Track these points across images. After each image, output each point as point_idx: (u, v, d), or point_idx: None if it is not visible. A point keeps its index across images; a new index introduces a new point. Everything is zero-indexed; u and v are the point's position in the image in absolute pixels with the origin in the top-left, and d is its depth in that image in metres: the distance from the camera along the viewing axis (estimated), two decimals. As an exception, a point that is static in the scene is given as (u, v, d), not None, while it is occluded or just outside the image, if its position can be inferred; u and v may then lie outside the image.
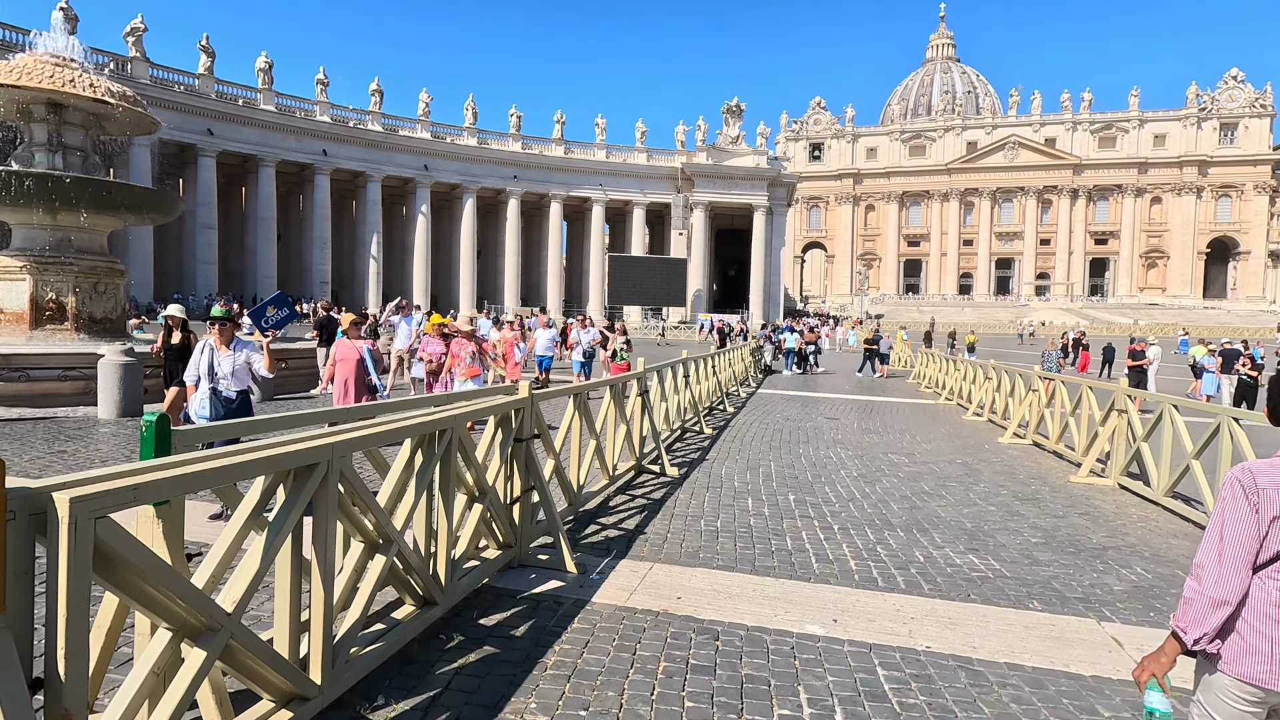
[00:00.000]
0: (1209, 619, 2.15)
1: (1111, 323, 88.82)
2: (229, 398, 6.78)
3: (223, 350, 6.82)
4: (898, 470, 9.65)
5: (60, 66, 14.63)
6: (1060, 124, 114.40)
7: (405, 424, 3.89)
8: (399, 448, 4.07)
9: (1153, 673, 2.24)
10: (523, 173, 62.87)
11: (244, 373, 6.90)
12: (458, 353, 10.25)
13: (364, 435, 3.46)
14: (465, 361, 10.11)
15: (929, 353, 23.93)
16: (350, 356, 8.98)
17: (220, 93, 48.59)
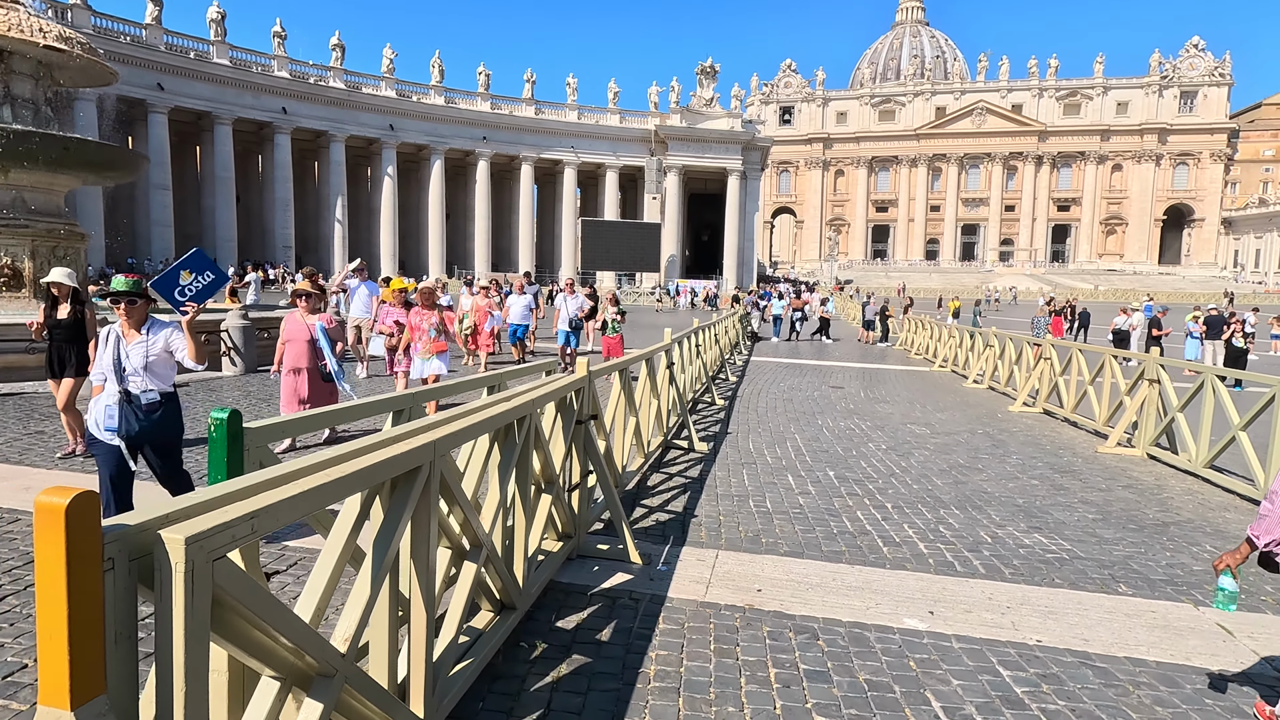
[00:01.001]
0: (1278, 530, 2.95)
1: (1073, 288, 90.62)
2: (148, 402, 4.68)
3: (132, 336, 4.74)
4: (925, 443, 9.44)
5: (5, 9, 13.33)
6: (1027, 90, 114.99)
7: (493, 412, 3.41)
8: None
9: (1229, 564, 3.14)
10: (492, 134, 60.96)
11: (165, 365, 4.82)
12: (418, 325, 8.89)
13: (462, 429, 2.98)
14: (429, 335, 8.82)
15: (919, 320, 23.89)
16: (300, 336, 7.43)
17: (170, 44, 45.76)
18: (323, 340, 7.37)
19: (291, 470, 2.16)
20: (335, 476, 2.11)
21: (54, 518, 1.40)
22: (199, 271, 6.35)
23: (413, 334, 8.93)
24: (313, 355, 7.43)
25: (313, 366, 7.44)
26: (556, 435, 4.63)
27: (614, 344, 13.32)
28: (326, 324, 7.47)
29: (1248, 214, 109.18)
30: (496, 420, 3.42)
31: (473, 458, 3.69)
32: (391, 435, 2.75)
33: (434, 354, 8.79)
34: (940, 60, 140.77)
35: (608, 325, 13.63)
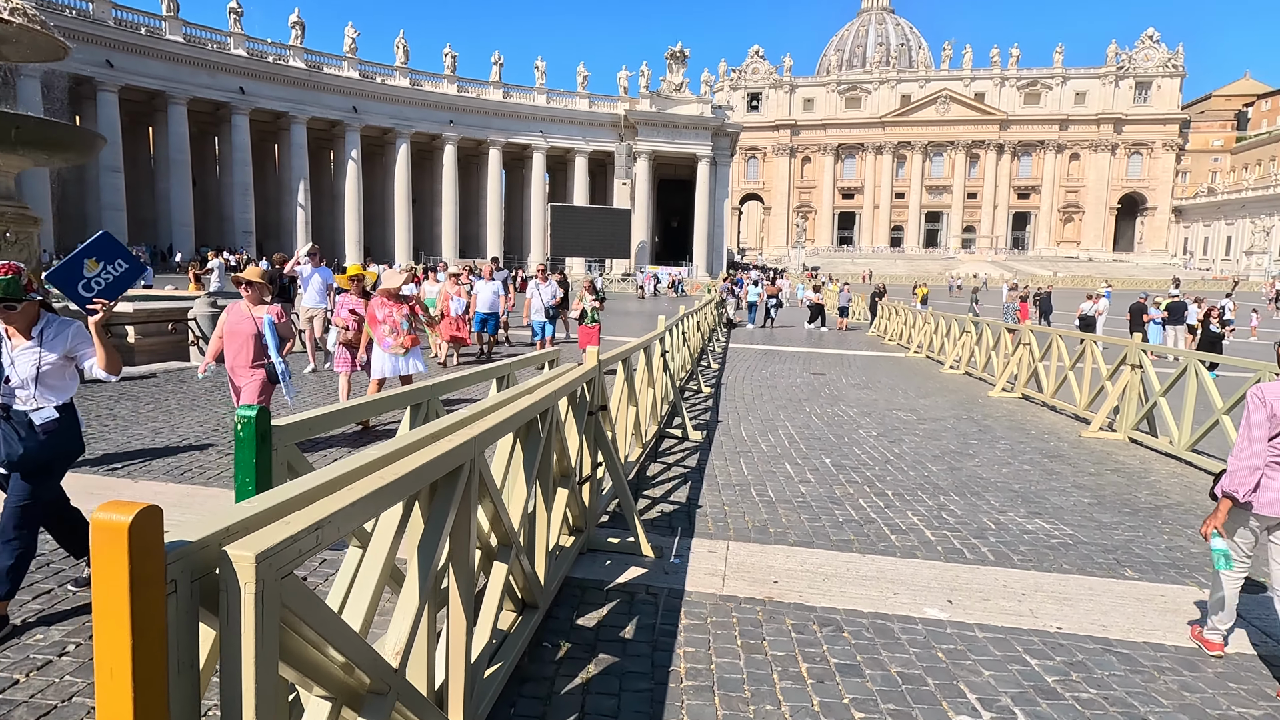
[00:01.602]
0: (1248, 480, 3.64)
1: (1033, 274, 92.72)
2: (41, 421, 3.67)
3: (18, 340, 3.71)
4: (914, 429, 9.50)
5: (-55, -24, 12.49)
6: (989, 79, 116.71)
7: (520, 406, 3.26)
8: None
9: (1215, 526, 3.74)
10: (459, 117, 59.79)
11: (62, 375, 3.78)
12: (379, 317, 8.03)
13: (496, 425, 2.83)
14: (402, 328, 8.05)
15: (893, 306, 24.15)
16: (244, 329, 6.45)
17: (120, 20, 43.76)
18: (270, 336, 6.44)
19: (344, 473, 2.00)
20: (391, 479, 1.96)
21: (115, 536, 1.23)
22: (108, 260, 4.94)
23: (374, 326, 8.06)
24: (257, 352, 6.50)
25: (253, 361, 6.52)
26: (571, 428, 4.49)
27: (592, 334, 12.71)
28: (276, 318, 6.54)
29: (1197, 203, 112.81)
30: (524, 415, 3.27)
31: (497, 453, 3.54)
32: (429, 433, 2.59)
33: (406, 349, 8.08)
34: (905, 48, 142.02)
35: (586, 314, 13.00)
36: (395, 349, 8.03)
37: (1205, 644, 3.94)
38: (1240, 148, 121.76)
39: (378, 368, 8.14)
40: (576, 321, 13.20)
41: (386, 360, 8.07)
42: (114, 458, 6.80)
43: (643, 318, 29.17)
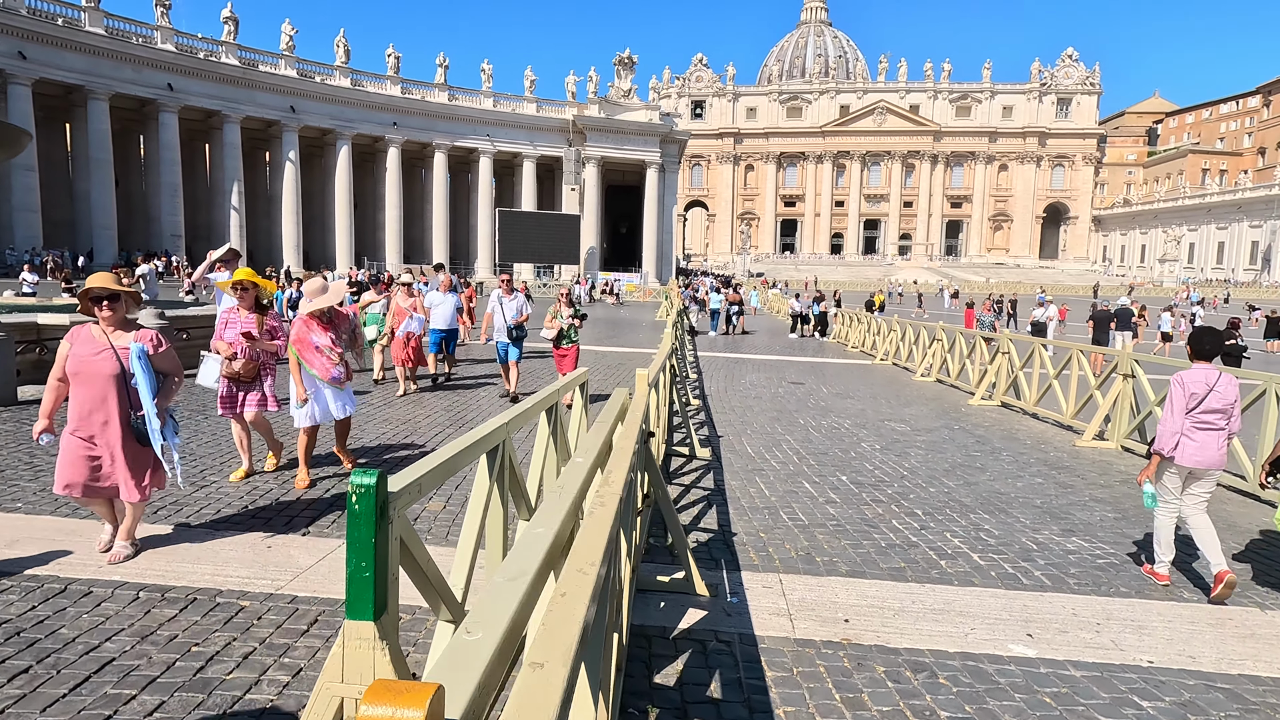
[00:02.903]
0: (1171, 441, 4.93)
1: (966, 280, 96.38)
2: None
3: None
4: (913, 441, 9.42)
5: None
6: (924, 92, 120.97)
7: (600, 437, 2.87)
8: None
9: (1147, 476, 5.10)
10: (403, 119, 58.18)
11: None
12: (317, 344, 6.29)
13: (611, 495, 2.44)
14: (329, 358, 6.33)
15: (854, 314, 24.43)
16: (100, 369, 4.46)
17: (34, 9, 40.83)
18: (141, 376, 4.47)
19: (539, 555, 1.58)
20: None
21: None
22: None
23: (308, 354, 6.28)
24: (119, 400, 4.49)
25: (122, 419, 4.50)
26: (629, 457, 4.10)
27: (569, 356, 10.64)
28: (150, 348, 4.57)
29: (1114, 213, 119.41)
30: (602, 447, 2.89)
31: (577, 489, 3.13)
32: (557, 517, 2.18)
33: (333, 381, 6.36)
34: (843, 60, 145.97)
35: (563, 335, 10.58)
36: (333, 378, 6.39)
37: (1155, 576, 5.07)
38: (1151, 162, 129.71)
39: (308, 412, 6.29)
40: (551, 343, 10.67)
41: (323, 400, 6.36)
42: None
43: (606, 325, 28.78)
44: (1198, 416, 4.94)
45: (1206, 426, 4.95)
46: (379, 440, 8.13)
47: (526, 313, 11.25)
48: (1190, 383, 4.97)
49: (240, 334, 6.21)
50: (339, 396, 6.47)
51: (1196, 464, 4.91)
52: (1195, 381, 4.98)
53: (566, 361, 10.63)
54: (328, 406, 6.41)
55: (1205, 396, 4.93)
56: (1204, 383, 4.97)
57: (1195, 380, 4.98)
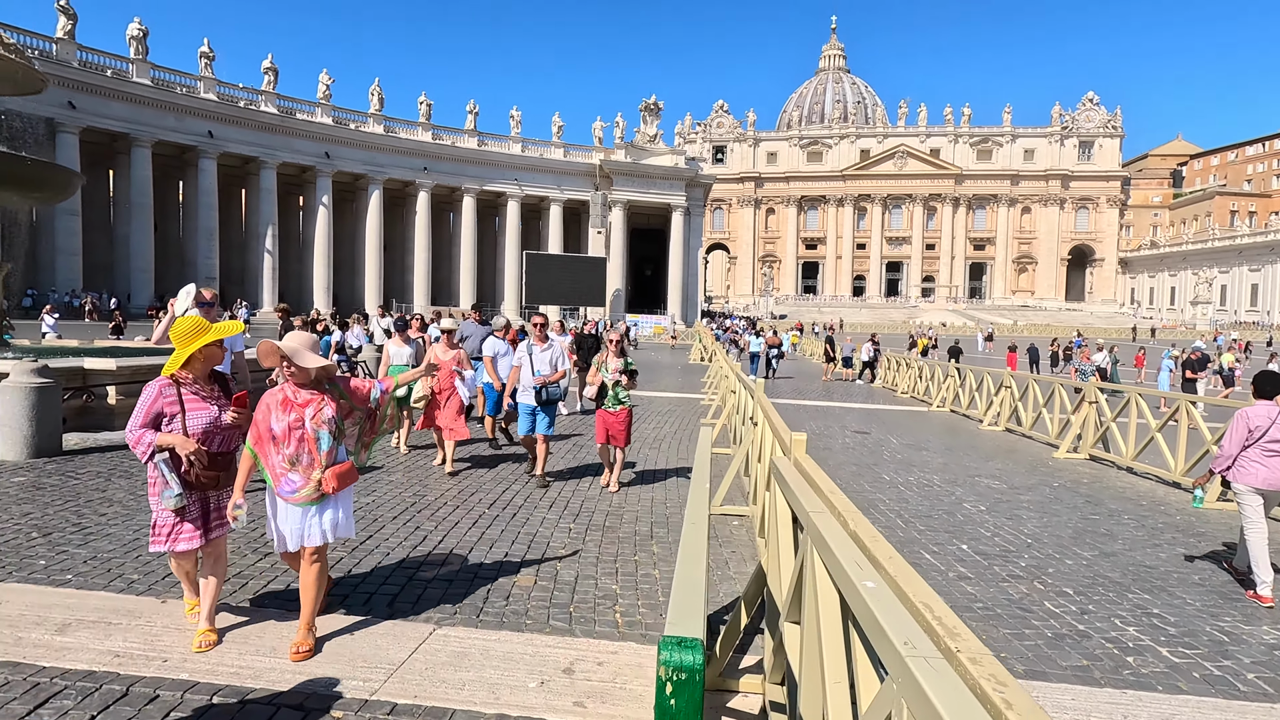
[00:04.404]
0: (1223, 463, 6.00)
1: (991, 323, 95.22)
2: None
3: None
4: (1017, 501, 8.64)
5: (-86, -2, 11.25)
6: (944, 136, 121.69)
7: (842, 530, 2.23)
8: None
9: (1200, 484, 6.49)
10: (433, 164, 59.12)
11: None
12: (275, 428, 3.98)
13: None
14: (320, 448, 3.99)
15: (903, 359, 23.68)
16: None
17: (85, 61, 42.23)
18: None
19: None
20: None
21: None
22: None
23: (262, 447, 4.02)
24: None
25: None
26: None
27: (618, 424, 7.98)
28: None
29: (1141, 255, 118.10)
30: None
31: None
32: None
33: (331, 489, 4.00)
34: (861, 105, 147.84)
35: (606, 393, 7.98)
36: (304, 494, 3.96)
37: (1260, 599, 5.44)
38: (1178, 204, 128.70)
39: (275, 541, 4.11)
40: (593, 402, 8.24)
41: (289, 519, 4.02)
42: (116, 560, 5.44)
43: (641, 369, 28.23)
44: (1265, 446, 5.75)
45: (1274, 454, 5.75)
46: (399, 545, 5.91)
47: (563, 368, 8.39)
48: (1254, 417, 5.83)
49: (230, 414, 4.02)
50: (324, 512, 4.04)
51: (1268, 486, 5.72)
52: (1259, 416, 5.81)
53: (614, 430, 7.99)
54: (298, 528, 4.01)
55: (1268, 429, 5.74)
56: (1267, 417, 5.78)
57: (1259, 415, 5.81)
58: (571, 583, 5.30)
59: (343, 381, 4.23)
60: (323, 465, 4.00)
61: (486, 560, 5.71)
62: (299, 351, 4.01)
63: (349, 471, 4.13)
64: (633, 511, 7.32)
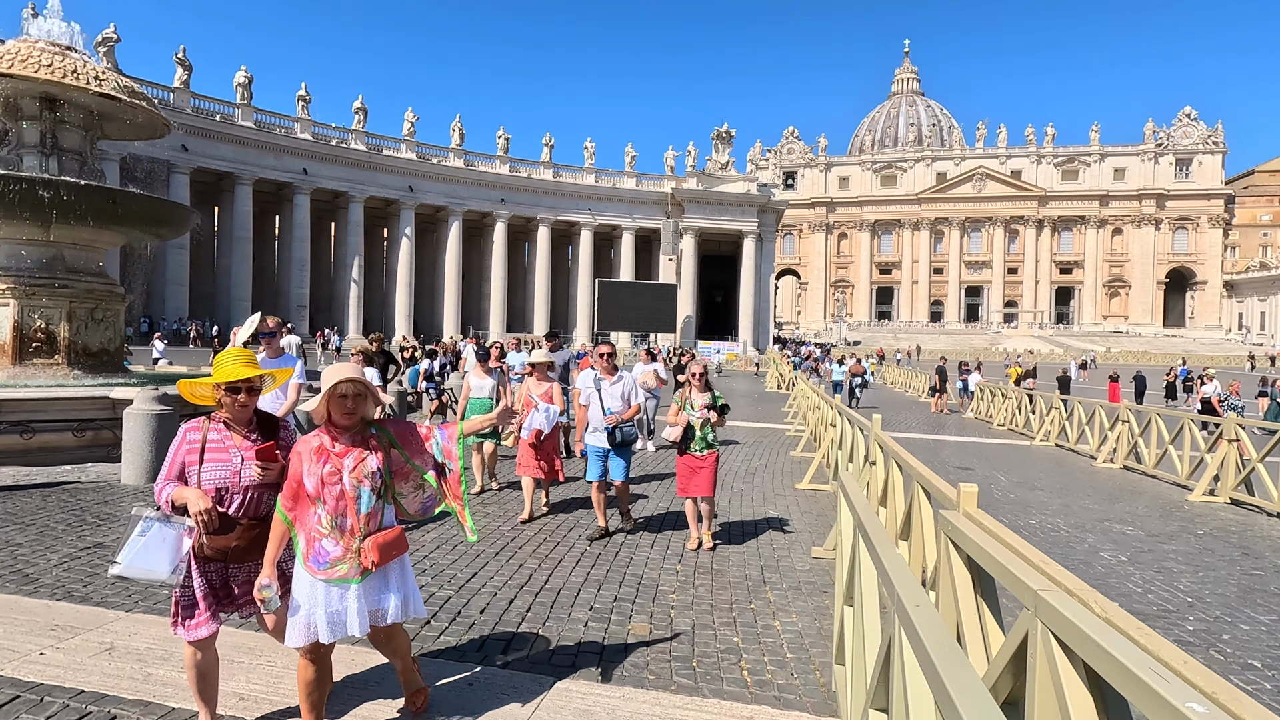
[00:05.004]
0: None
1: (1082, 349, 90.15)
2: None
3: None
4: (1160, 551, 7.84)
5: (60, 54, 12.24)
6: (1025, 157, 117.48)
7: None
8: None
9: None
10: (510, 195, 60.83)
11: None
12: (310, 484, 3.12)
13: None
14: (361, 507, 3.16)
15: (998, 388, 22.48)
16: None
17: (196, 107, 45.61)
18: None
19: None
20: None
21: None
22: None
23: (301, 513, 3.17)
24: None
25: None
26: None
27: (703, 471, 6.79)
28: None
29: (1249, 277, 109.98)
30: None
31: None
32: None
33: (372, 562, 3.13)
34: (937, 128, 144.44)
35: (693, 435, 6.80)
36: (340, 569, 3.13)
37: None
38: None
39: (304, 620, 3.11)
40: (675, 446, 6.97)
41: (330, 600, 3.13)
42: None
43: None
44: None
45: None
46: (506, 584, 5.66)
47: (637, 402, 7.32)
48: None
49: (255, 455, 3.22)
50: (373, 594, 3.22)
51: None
52: None
53: (700, 478, 6.78)
54: (342, 615, 3.14)
55: None
56: None
57: None
58: (689, 632, 4.99)
59: (395, 426, 3.36)
60: (362, 532, 3.15)
61: (596, 603, 5.47)
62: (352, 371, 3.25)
63: (396, 540, 3.22)
64: (739, 554, 6.97)
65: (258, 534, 3.26)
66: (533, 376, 8.22)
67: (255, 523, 3.27)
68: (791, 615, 5.40)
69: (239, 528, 3.23)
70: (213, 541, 3.17)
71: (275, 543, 3.19)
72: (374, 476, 3.19)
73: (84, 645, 4.32)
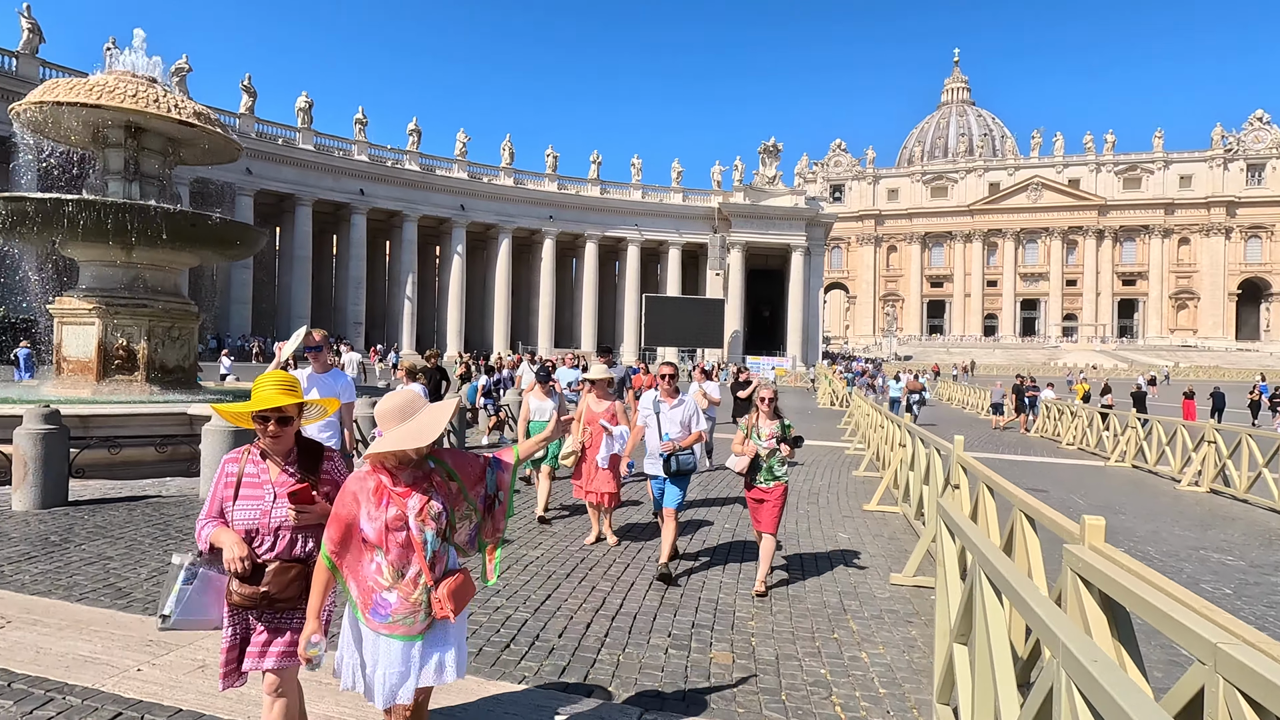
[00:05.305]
0: None
1: (1148, 364, 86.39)
2: None
3: None
4: (1268, 582, 7.33)
5: (143, 85, 12.85)
6: (1084, 165, 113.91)
7: None
8: None
9: None
10: (558, 213, 61.63)
11: None
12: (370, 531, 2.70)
13: None
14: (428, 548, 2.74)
15: (1065, 406, 21.61)
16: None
17: (260, 132, 47.59)
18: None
19: None
20: None
21: None
22: None
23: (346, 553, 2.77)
24: None
25: None
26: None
27: (766, 505, 6.23)
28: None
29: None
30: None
31: None
32: None
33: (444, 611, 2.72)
34: (988, 138, 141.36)
35: (760, 466, 6.23)
36: (409, 623, 2.72)
37: None
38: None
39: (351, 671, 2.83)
40: (743, 479, 6.44)
41: (384, 660, 2.74)
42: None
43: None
44: None
45: None
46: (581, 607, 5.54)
47: (699, 429, 6.82)
48: None
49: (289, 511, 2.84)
50: (434, 649, 2.79)
51: None
52: None
53: (763, 512, 6.24)
54: (397, 673, 2.74)
55: None
56: None
57: None
58: (774, 663, 4.83)
59: (452, 457, 2.95)
60: (431, 580, 2.73)
61: (674, 629, 5.35)
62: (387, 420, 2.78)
63: (467, 585, 2.82)
64: (814, 579, 6.76)
65: (290, 579, 2.85)
66: (592, 393, 7.87)
67: (287, 566, 2.87)
68: (878, 646, 5.19)
69: (268, 572, 2.83)
70: (241, 589, 2.81)
71: (320, 592, 2.79)
72: (440, 518, 2.78)
73: (178, 662, 4.38)
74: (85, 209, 11.53)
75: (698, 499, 10.18)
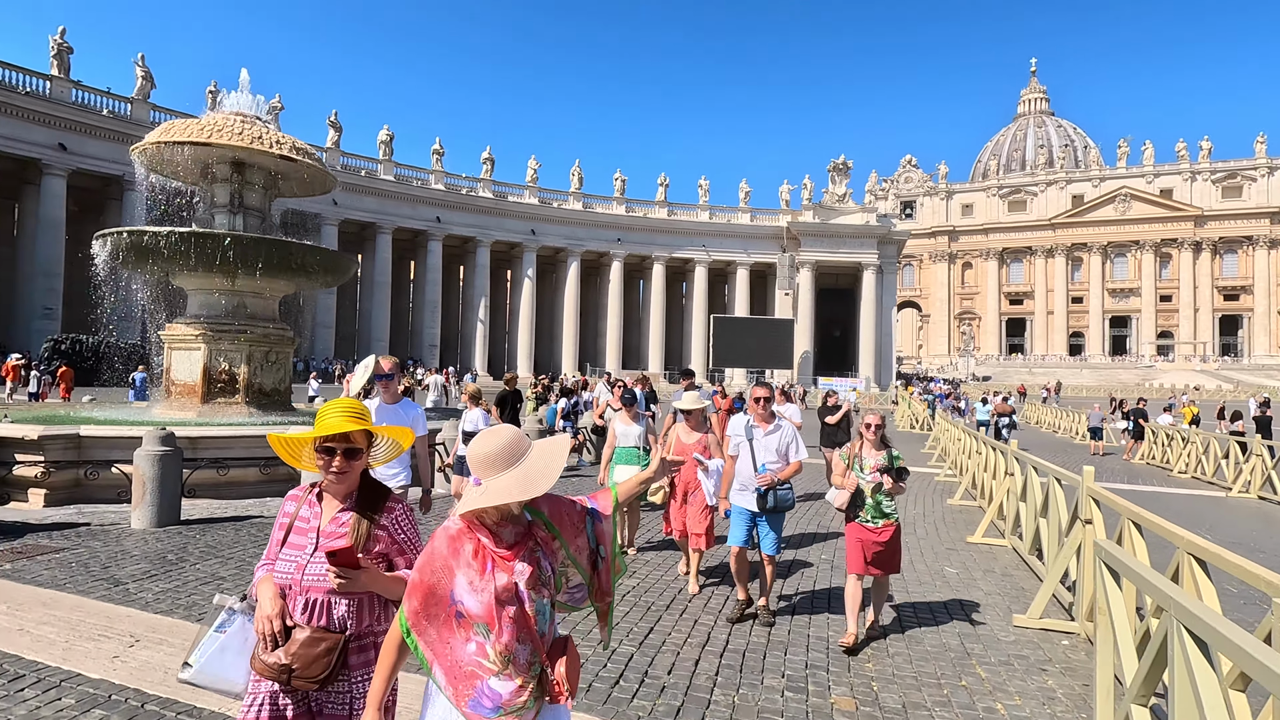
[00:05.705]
0: None
1: (1257, 385, 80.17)
2: None
3: None
4: None
5: (248, 123, 13.59)
6: (1177, 174, 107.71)
7: None
8: None
9: None
10: (626, 235, 62.21)
11: None
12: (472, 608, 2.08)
13: None
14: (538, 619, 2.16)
15: (1175, 431, 20.11)
16: None
17: (345, 165, 50.00)
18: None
19: None
20: None
21: None
22: None
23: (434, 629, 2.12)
24: None
25: None
26: None
27: (885, 546, 5.60)
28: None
29: None
30: None
31: None
32: None
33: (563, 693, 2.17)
34: (1070, 149, 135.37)
35: (863, 502, 5.60)
36: (520, 711, 2.09)
37: None
38: None
39: None
40: (842, 512, 5.78)
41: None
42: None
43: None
44: None
45: None
46: (687, 642, 5.46)
47: (797, 459, 6.13)
48: None
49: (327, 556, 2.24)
50: None
51: None
52: None
53: (884, 555, 5.63)
54: None
55: None
56: None
57: None
58: (900, 712, 4.49)
59: (549, 504, 2.31)
60: (545, 655, 2.19)
61: (787, 669, 5.07)
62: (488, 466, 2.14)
63: (576, 658, 2.26)
64: (928, 616, 6.35)
65: (318, 654, 2.27)
66: (681, 424, 7.20)
67: (318, 637, 2.29)
68: (1013, 697, 4.78)
69: (293, 641, 2.28)
70: (265, 656, 2.29)
71: (386, 674, 2.16)
72: (550, 583, 2.22)
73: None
74: (206, 241, 12.21)
75: (788, 534, 9.80)
